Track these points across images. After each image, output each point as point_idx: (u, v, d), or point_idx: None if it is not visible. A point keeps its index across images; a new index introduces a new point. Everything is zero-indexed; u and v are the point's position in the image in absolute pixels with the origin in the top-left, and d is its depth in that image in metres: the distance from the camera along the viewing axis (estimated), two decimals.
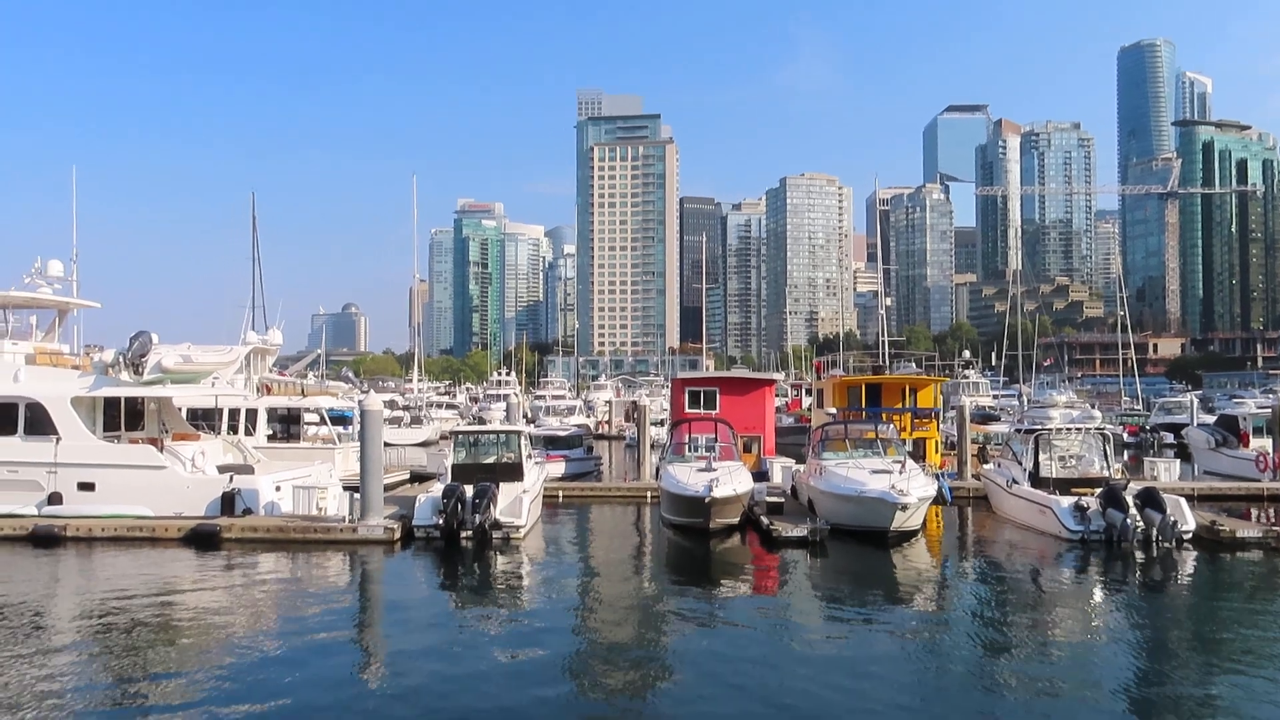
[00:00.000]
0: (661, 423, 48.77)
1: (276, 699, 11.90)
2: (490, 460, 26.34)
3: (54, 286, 29.77)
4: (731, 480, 24.33)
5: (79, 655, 14.12)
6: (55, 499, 25.52)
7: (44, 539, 23.59)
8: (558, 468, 35.84)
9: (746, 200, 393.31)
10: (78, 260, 31.24)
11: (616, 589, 19.14)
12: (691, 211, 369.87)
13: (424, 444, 60.69)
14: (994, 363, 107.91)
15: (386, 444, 26.32)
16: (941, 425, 40.38)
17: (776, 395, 48.02)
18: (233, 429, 33.55)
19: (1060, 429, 26.79)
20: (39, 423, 26.01)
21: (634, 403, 59.30)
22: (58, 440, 25.74)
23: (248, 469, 27.51)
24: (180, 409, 31.10)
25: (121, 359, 26.42)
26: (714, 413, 34.18)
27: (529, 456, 27.57)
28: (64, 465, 25.64)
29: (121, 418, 27.98)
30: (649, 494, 31.25)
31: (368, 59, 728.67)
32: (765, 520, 24.54)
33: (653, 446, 37.10)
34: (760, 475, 29.63)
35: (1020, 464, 27.15)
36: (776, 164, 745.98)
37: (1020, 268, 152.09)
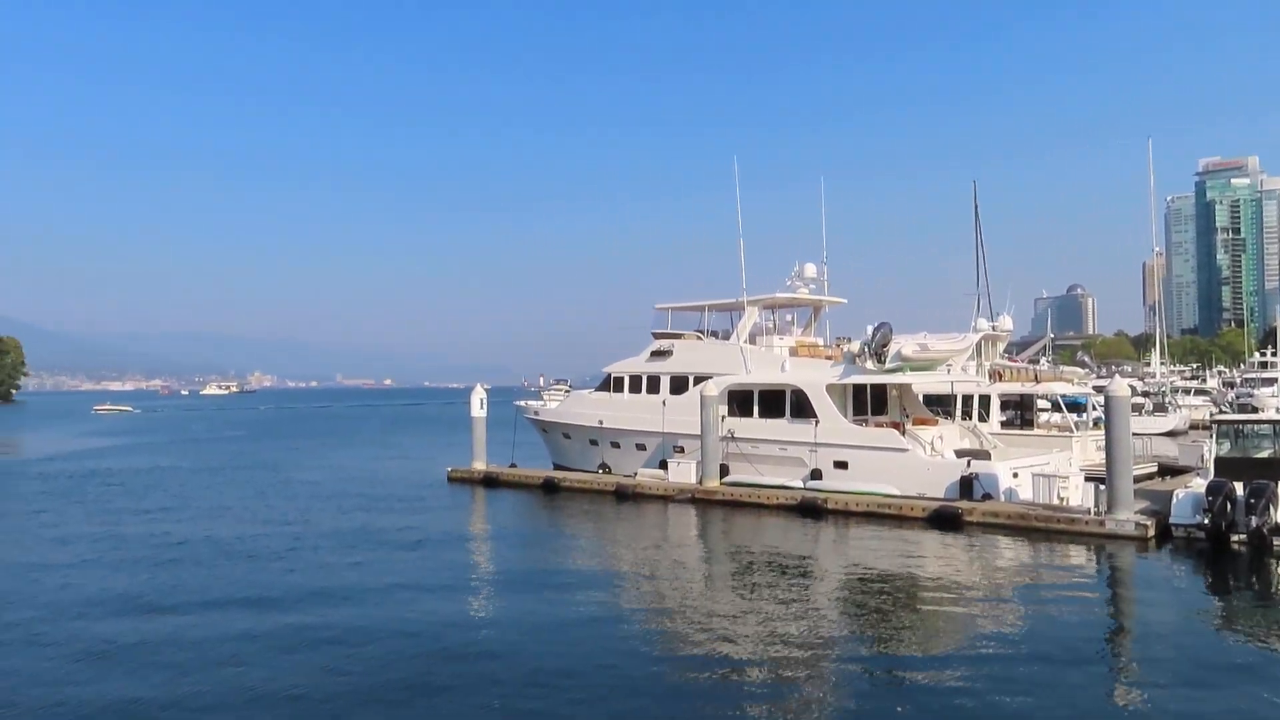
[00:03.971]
0: None
1: (1016, 697, 11.48)
2: (1265, 454, 22.57)
3: (809, 287, 33.63)
4: None
5: (835, 615, 15.60)
6: (816, 475, 28.78)
7: (809, 510, 26.73)
8: None
9: None
10: (827, 262, 34.76)
11: None
12: None
13: (1170, 433, 54.95)
14: None
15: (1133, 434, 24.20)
16: None
17: None
18: (966, 415, 34.17)
19: None
20: (801, 407, 29.64)
21: None
22: (816, 422, 29.00)
23: (984, 454, 27.78)
24: (918, 395, 32.69)
25: (866, 349, 28.73)
26: None
27: None
28: (822, 445, 28.78)
29: (868, 403, 30.39)
30: None
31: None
32: None
33: None
34: None
35: None
36: None
37: None
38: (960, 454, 27.81)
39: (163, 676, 12.37)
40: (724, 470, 30.47)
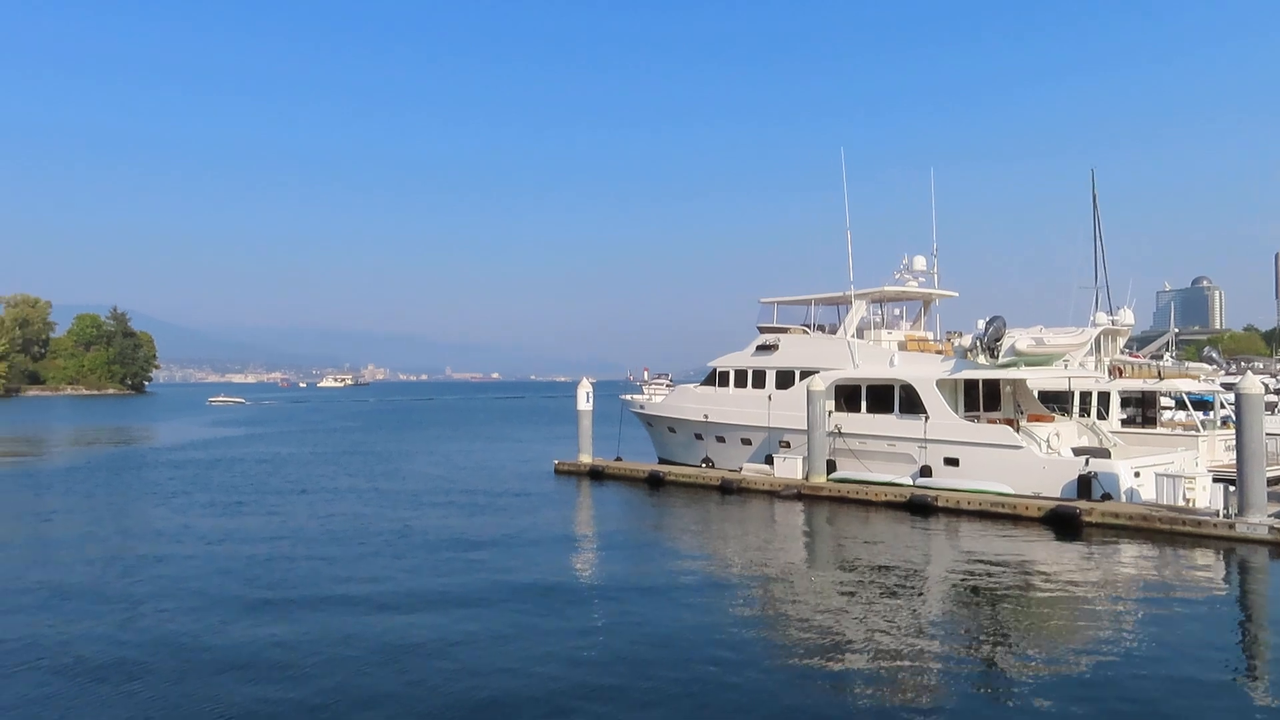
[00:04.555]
0: None
1: (1135, 706, 11.06)
2: None
3: (919, 280, 32.97)
4: None
5: (951, 621, 15.27)
6: (926, 472, 28.22)
7: (919, 507, 26.24)
8: None
9: None
10: (938, 254, 34.01)
11: None
12: None
13: None
14: None
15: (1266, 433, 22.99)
16: None
17: None
18: (1084, 412, 33.00)
19: None
20: (910, 402, 29.10)
21: None
22: (926, 418, 28.43)
23: (1104, 453, 26.80)
24: (1033, 391, 31.72)
25: (978, 343, 28.00)
26: None
27: None
28: (932, 441, 28.20)
29: (980, 398, 29.63)
30: None
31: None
32: None
33: None
34: None
35: None
36: None
37: None
38: (1078, 452, 26.90)
39: (274, 677, 12.39)
40: (830, 466, 30.16)
